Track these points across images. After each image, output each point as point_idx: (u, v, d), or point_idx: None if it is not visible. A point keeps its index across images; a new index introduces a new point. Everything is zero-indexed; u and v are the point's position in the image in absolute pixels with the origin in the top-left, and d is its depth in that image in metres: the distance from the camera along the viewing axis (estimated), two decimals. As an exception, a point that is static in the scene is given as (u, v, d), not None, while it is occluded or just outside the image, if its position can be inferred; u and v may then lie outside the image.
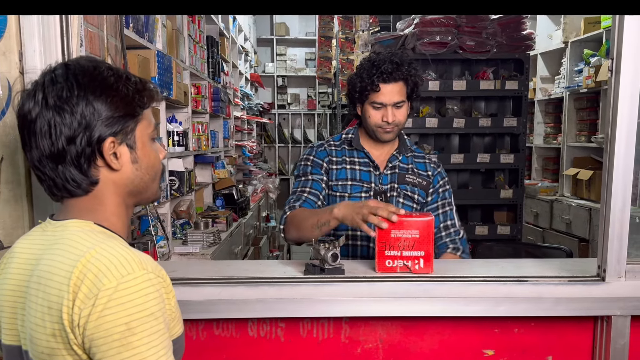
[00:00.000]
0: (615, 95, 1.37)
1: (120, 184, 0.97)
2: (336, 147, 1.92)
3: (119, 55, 1.86)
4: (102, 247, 0.88)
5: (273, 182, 6.42)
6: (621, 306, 1.43)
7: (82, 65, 0.94)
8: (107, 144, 0.93)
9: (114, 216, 0.98)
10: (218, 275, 1.51)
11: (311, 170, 1.87)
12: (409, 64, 1.78)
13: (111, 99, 0.92)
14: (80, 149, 0.91)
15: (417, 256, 1.47)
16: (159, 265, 0.92)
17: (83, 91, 0.90)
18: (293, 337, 1.51)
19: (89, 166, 0.93)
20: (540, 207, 4.74)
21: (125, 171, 0.97)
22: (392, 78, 1.74)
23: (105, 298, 0.82)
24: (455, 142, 3.79)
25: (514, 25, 3.58)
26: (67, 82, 0.91)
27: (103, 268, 0.85)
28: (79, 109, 0.90)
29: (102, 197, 0.97)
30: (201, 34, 4.04)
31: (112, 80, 0.93)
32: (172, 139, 3.15)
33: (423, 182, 1.89)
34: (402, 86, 1.77)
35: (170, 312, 0.93)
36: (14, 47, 1.38)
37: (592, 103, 4.40)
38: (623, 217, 1.41)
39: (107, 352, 0.83)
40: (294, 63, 8.51)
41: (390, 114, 1.77)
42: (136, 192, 1.01)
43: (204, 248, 2.95)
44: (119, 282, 0.84)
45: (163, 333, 0.87)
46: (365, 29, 4.25)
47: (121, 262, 0.86)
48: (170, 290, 0.94)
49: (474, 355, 1.52)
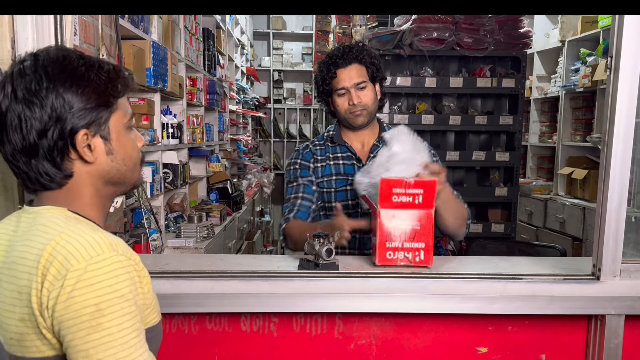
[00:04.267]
0: (614, 94, 1.36)
1: (95, 175, 0.96)
2: (320, 146, 1.96)
3: (114, 45, 1.83)
4: (73, 229, 0.88)
5: (268, 177, 6.40)
6: (616, 305, 1.43)
7: (52, 55, 0.91)
8: (80, 136, 0.91)
9: (89, 207, 0.97)
10: (211, 269, 1.50)
11: (300, 174, 1.91)
12: (361, 47, 1.85)
13: (82, 89, 0.90)
14: (52, 142, 0.89)
15: (417, 248, 1.48)
16: (131, 249, 0.91)
17: (52, 83, 0.88)
18: (286, 332, 1.50)
19: (62, 159, 0.91)
20: (534, 206, 4.75)
21: (100, 163, 0.95)
22: (345, 61, 1.81)
23: (74, 279, 0.82)
24: (451, 139, 3.78)
25: (511, 23, 3.57)
26: (35, 74, 0.88)
27: (72, 249, 0.84)
28: (48, 102, 0.88)
29: (77, 190, 0.95)
30: (197, 26, 4.02)
31: (83, 70, 0.91)
32: (167, 131, 3.13)
33: None
34: (359, 67, 1.82)
35: (144, 298, 0.92)
36: (7, 34, 1.36)
37: (588, 102, 4.41)
38: (619, 216, 1.40)
39: (77, 334, 0.82)
40: (290, 57, 8.47)
41: (355, 96, 1.81)
42: (113, 183, 0.99)
43: (197, 242, 2.93)
44: (88, 263, 0.83)
45: (134, 315, 0.85)
46: (362, 24, 4.23)
47: (91, 243, 0.85)
48: (144, 275, 0.93)
49: (468, 352, 1.51)
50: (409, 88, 3.58)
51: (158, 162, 2.94)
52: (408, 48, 3.49)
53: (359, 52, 1.83)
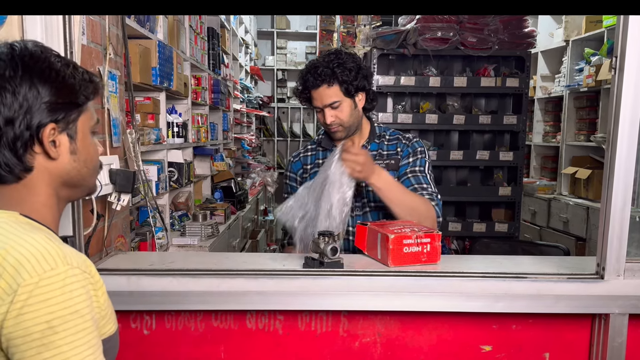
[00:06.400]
0: (618, 93, 1.37)
1: (55, 173, 0.93)
2: (312, 152, 2.01)
3: (120, 44, 1.84)
4: (25, 238, 0.83)
5: (271, 176, 6.41)
6: (619, 304, 1.44)
7: (29, 47, 0.89)
8: (48, 130, 0.88)
9: (44, 207, 0.93)
10: (217, 266, 1.51)
11: (290, 190, 1.98)
12: (332, 64, 1.77)
13: (57, 84, 0.88)
14: (19, 132, 0.86)
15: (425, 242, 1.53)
16: (87, 260, 0.88)
17: (28, 73, 0.86)
18: (291, 330, 1.51)
19: (25, 151, 0.88)
20: (538, 205, 4.74)
21: (62, 161, 0.92)
22: (315, 84, 1.79)
23: (25, 295, 0.77)
24: (454, 139, 3.79)
25: (515, 22, 3.57)
26: (11, 61, 0.86)
27: (23, 261, 0.79)
28: (22, 90, 0.85)
29: (34, 187, 0.92)
30: (202, 25, 4.03)
31: (59, 66, 0.90)
32: (172, 130, 3.14)
33: (392, 162, 1.90)
34: (328, 88, 1.78)
35: (99, 310, 0.88)
36: (16, 35, 1.37)
37: (592, 102, 4.40)
38: (623, 215, 1.40)
39: (26, 352, 0.77)
40: (294, 57, 8.49)
41: (328, 116, 1.81)
42: (71, 184, 0.96)
43: (202, 240, 2.94)
44: (41, 277, 0.78)
45: (90, 332, 0.82)
46: (367, 23, 4.24)
47: (44, 255, 0.81)
48: (99, 287, 0.89)
49: (472, 350, 1.52)
50: (413, 87, 3.59)
51: (163, 161, 2.95)
52: (412, 47, 3.50)
53: (329, 73, 1.76)
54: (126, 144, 1.82)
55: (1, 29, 1.37)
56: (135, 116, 2.09)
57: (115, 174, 1.60)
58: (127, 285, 1.41)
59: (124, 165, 1.81)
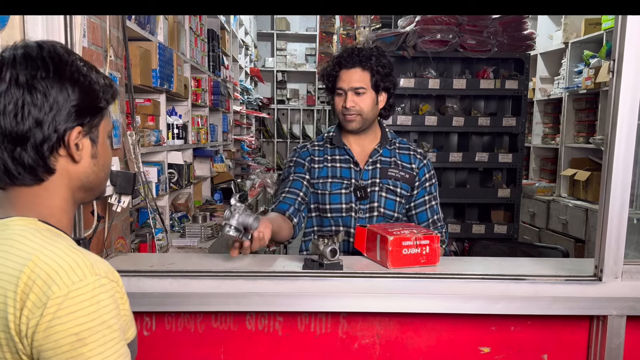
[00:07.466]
0: (616, 96, 1.38)
1: (75, 177, 0.92)
2: (319, 147, 1.94)
3: (121, 46, 1.85)
4: (50, 248, 0.83)
5: (271, 177, 6.42)
6: (617, 306, 1.44)
7: (57, 48, 0.89)
8: (75, 133, 0.88)
9: (60, 211, 0.93)
10: (217, 268, 1.52)
11: (294, 170, 1.91)
12: (371, 52, 1.80)
13: (85, 88, 0.89)
14: (47, 134, 0.86)
15: (424, 244, 1.53)
16: (111, 267, 0.88)
17: (59, 75, 0.86)
18: (291, 331, 1.51)
19: (50, 153, 0.88)
20: (537, 207, 4.75)
21: (83, 165, 0.92)
22: (349, 63, 1.79)
23: (55, 307, 0.78)
24: (454, 141, 3.80)
25: (515, 24, 3.58)
26: (43, 61, 0.85)
27: (52, 274, 0.79)
28: (53, 92, 0.85)
29: (53, 189, 0.91)
30: (202, 27, 4.04)
31: (86, 70, 0.90)
32: (172, 132, 3.15)
33: (406, 176, 1.89)
34: (362, 72, 1.79)
35: (125, 317, 0.89)
36: (17, 37, 1.38)
37: (591, 104, 4.41)
38: (621, 217, 1.41)
39: None
40: (294, 58, 8.50)
41: (349, 100, 1.79)
42: (88, 188, 0.96)
43: (201, 241, 2.95)
44: (70, 289, 0.79)
45: (118, 342, 0.83)
46: (366, 25, 4.25)
47: (72, 266, 0.81)
48: (124, 293, 0.90)
49: (470, 352, 1.53)
50: (412, 89, 3.59)
51: (163, 162, 2.96)
52: (412, 49, 3.50)
53: (367, 57, 1.78)
54: (126, 146, 1.83)
55: (3, 32, 1.38)
56: (135, 118, 2.10)
57: (116, 175, 1.60)
58: (127, 287, 1.38)
59: (124, 167, 1.81)
